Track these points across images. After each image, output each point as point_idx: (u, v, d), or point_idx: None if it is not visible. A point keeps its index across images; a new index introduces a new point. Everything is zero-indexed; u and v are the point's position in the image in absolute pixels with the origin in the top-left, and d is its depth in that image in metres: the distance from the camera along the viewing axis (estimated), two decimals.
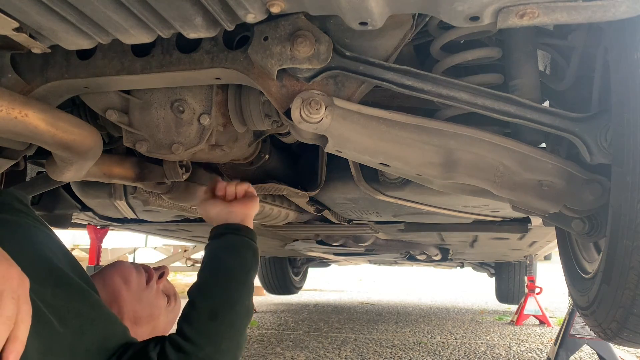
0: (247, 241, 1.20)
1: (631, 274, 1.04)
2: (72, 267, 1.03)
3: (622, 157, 1.03)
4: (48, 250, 0.98)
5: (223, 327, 1.04)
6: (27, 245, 0.94)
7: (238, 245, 1.19)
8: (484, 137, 1.18)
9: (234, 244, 1.19)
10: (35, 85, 1.25)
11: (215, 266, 1.15)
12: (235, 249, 1.17)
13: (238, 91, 1.41)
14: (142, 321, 1.21)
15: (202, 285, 1.11)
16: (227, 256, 1.15)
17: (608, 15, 0.90)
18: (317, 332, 4.85)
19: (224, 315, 1.05)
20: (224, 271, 1.13)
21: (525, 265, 6.03)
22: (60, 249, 1.06)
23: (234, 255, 1.16)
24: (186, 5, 0.92)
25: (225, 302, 1.07)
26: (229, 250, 1.17)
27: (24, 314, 0.71)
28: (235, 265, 1.14)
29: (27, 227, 1.00)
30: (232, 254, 1.16)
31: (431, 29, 1.26)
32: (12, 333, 0.68)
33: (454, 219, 2.53)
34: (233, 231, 1.21)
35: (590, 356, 3.91)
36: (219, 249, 1.18)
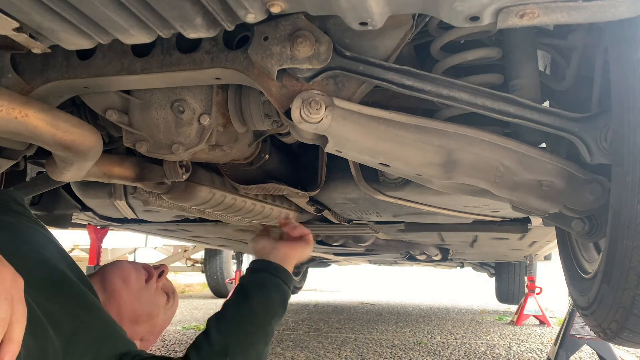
0: (280, 284, 1.18)
1: (631, 274, 1.04)
2: (69, 269, 1.02)
3: (622, 157, 1.03)
4: (45, 251, 0.98)
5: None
6: (23, 246, 0.94)
7: (269, 286, 1.16)
8: (484, 137, 1.18)
9: (265, 283, 1.17)
10: (35, 85, 1.25)
11: (241, 303, 1.12)
12: (265, 290, 1.15)
13: (238, 91, 1.41)
14: (141, 320, 1.20)
15: (222, 318, 1.10)
16: (255, 295, 1.13)
17: (608, 15, 0.89)
18: (317, 332, 4.85)
19: (234, 355, 1.03)
20: (247, 311, 1.11)
21: (525, 265, 6.04)
22: (58, 250, 1.05)
23: (262, 296, 1.14)
24: (186, 5, 0.92)
25: (239, 343, 1.05)
26: (259, 289, 1.15)
27: (19, 314, 0.70)
28: (260, 308, 1.12)
29: (23, 229, 1.00)
30: (260, 295, 1.14)
31: (431, 29, 1.26)
32: (6, 334, 0.67)
33: (454, 219, 2.53)
34: (270, 270, 1.19)
35: (590, 356, 3.91)
36: (250, 284, 1.16)
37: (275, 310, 1.13)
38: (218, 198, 1.99)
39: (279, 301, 1.15)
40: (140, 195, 2.09)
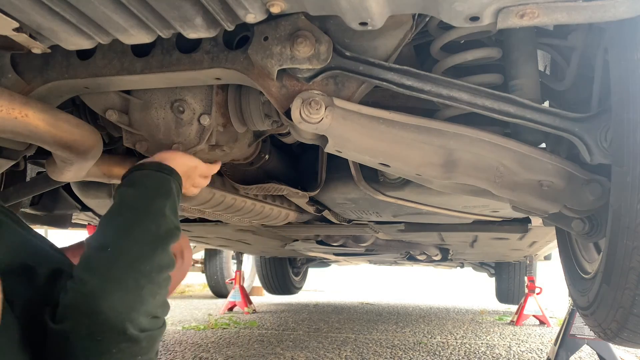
0: (151, 173, 1.08)
1: (631, 274, 1.04)
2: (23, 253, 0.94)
3: (622, 157, 1.03)
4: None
5: (114, 255, 0.89)
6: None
7: (136, 177, 1.07)
8: (484, 137, 1.18)
9: (132, 178, 1.07)
10: (35, 85, 1.26)
11: (112, 205, 1.02)
12: (133, 182, 1.06)
13: (238, 91, 1.41)
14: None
15: (97, 226, 0.99)
16: (124, 190, 1.04)
17: (608, 15, 0.90)
18: (317, 332, 4.85)
19: (115, 243, 0.91)
20: (118, 203, 1.01)
21: (525, 265, 6.03)
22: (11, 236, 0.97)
23: (131, 187, 1.04)
24: (186, 5, 0.92)
25: (116, 231, 0.94)
26: (126, 185, 1.05)
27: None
28: (132, 195, 1.02)
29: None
30: (128, 187, 1.04)
31: (431, 29, 1.26)
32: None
33: (454, 219, 2.53)
34: (136, 168, 1.10)
35: (590, 356, 3.91)
36: (118, 188, 1.06)
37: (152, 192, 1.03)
38: (218, 198, 1.99)
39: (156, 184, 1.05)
40: None
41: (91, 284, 0.84)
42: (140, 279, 0.88)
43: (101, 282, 0.85)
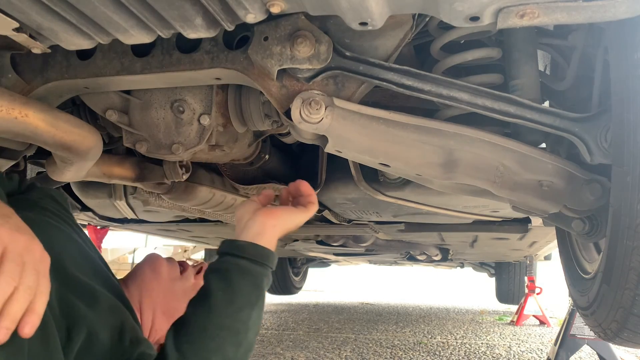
0: (247, 267, 0.95)
1: (631, 274, 1.04)
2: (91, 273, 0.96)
3: (622, 157, 1.03)
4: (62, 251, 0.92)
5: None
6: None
7: (232, 273, 0.94)
8: (484, 137, 1.18)
9: (226, 269, 0.95)
10: (35, 85, 1.26)
11: (199, 302, 0.94)
12: (227, 279, 0.94)
13: (238, 91, 1.41)
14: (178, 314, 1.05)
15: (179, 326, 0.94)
16: (215, 288, 0.93)
17: (608, 15, 0.90)
18: (317, 332, 4.85)
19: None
20: (206, 311, 0.92)
21: (525, 265, 6.04)
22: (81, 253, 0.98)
23: (223, 287, 0.93)
24: (186, 5, 0.92)
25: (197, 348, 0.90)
26: (220, 279, 0.94)
27: (43, 287, 0.69)
28: (222, 303, 0.91)
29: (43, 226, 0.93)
30: (221, 286, 0.93)
31: (431, 29, 1.26)
32: (30, 305, 0.67)
33: (454, 219, 2.53)
34: (233, 250, 0.97)
35: (590, 356, 3.91)
36: (210, 276, 0.96)
37: (243, 300, 0.92)
38: (218, 198, 2.00)
39: (248, 287, 0.94)
40: (140, 195, 2.09)
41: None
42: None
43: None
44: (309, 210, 1.07)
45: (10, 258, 0.67)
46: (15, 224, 0.72)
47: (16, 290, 0.65)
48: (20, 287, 0.66)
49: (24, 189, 1.06)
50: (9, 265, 0.66)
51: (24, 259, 0.68)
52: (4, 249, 0.67)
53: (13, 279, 0.65)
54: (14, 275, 0.66)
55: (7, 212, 0.74)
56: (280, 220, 1.02)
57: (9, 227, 0.70)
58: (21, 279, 0.66)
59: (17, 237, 0.70)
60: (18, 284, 0.66)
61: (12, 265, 0.66)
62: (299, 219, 1.05)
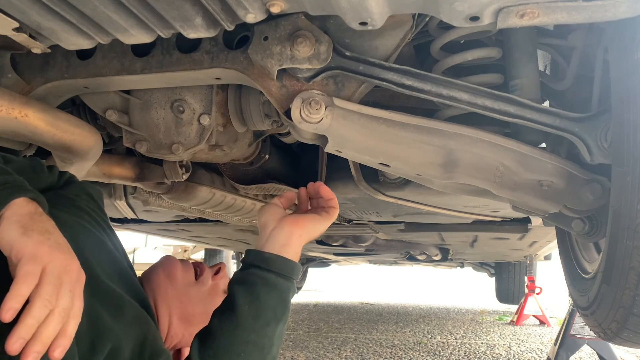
0: (274, 281, 0.95)
1: (631, 274, 1.04)
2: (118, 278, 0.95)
3: (622, 157, 1.03)
4: (91, 256, 0.90)
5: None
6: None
7: (259, 286, 0.94)
8: (484, 137, 1.17)
9: (255, 284, 0.94)
10: (35, 85, 1.26)
11: (225, 316, 0.94)
12: (254, 293, 0.93)
13: (238, 91, 1.41)
14: (195, 320, 1.07)
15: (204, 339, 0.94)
16: (242, 302, 0.93)
17: (608, 15, 0.90)
18: (317, 332, 4.85)
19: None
20: (233, 325, 0.92)
21: (525, 265, 6.04)
22: (110, 257, 0.97)
23: (250, 301, 0.93)
24: (186, 5, 0.92)
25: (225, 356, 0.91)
26: (246, 293, 0.93)
27: (77, 309, 0.70)
28: (248, 318, 0.92)
29: (75, 228, 0.92)
30: (247, 300, 0.93)
31: (431, 29, 1.26)
32: (62, 327, 0.67)
33: (454, 219, 2.53)
34: (260, 263, 0.96)
35: (590, 356, 3.91)
36: (236, 288, 0.95)
37: (269, 315, 0.93)
38: (218, 198, 2.00)
39: (274, 302, 0.94)
40: (140, 195, 2.09)
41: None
42: None
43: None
44: (332, 216, 1.05)
45: (48, 280, 0.67)
46: (56, 241, 0.72)
47: (51, 313, 0.66)
48: (55, 310, 0.66)
49: (63, 183, 1.04)
50: (46, 287, 0.66)
51: (62, 280, 0.69)
52: (43, 268, 0.67)
53: (50, 302, 0.66)
54: (51, 298, 0.66)
55: (49, 227, 0.74)
56: (306, 229, 1.00)
57: (49, 245, 0.70)
58: (57, 302, 0.67)
59: (57, 256, 0.70)
60: (54, 307, 0.66)
61: (50, 287, 0.67)
62: (323, 226, 1.03)
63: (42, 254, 0.68)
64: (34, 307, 0.64)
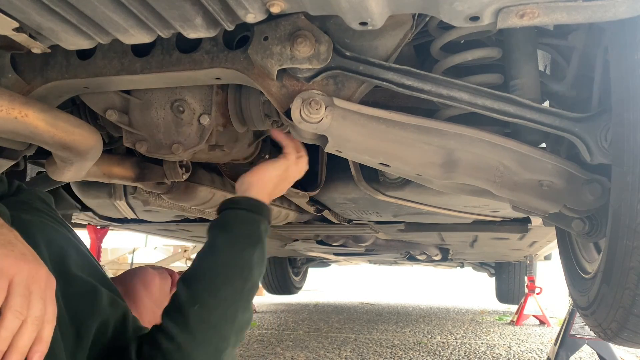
0: (243, 215, 1.06)
1: (631, 274, 1.04)
2: (89, 271, 0.97)
3: (622, 157, 1.03)
4: (62, 251, 0.93)
5: (202, 314, 0.92)
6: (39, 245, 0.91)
7: (230, 221, 1.05)
8: (484, 137, 1.18)
9: (225, 220, 1.05)
10: (35, 85, 1.26)
11: (204, 248, 1.02)
12: (225, 225, 1.04)
13: (238, 91, 1.41)
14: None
15: (188, 271, 1.01)
16: (216, 235, 1.03)
17: (608, 15, 0.90)
18: (317, 332, 4.85)
19: (204, 300, 0.94)
20: (210, 252, 1.01)
21: (525, 265, 6.03)
22: (78, 252, 1.00)
23: (223, 233, 1.03)
24: (186, 5, 0.92)
25: (206, 285, 0.96)
26: (219, 228, 1.04)
27: (50, 314, 0.71)
28: (223, 244, 1.01)
29: (42, 227, 0.95)
30: (220, 232, 1.03)
31: (431, 29, 1.26)
32: (37, 334, 0.69)
33: (454, 219, 2.53)
34: (229, 205, 1.08)
35: (590, 356, 3.91)
36: (210, 228, 1.05)
37: (243, 242, 1.02)
38: (218, 198, 1.99)
39: (247, 231, 1.03)
40: (140, 195, 2.09)
41: (178, 341, 0.90)
42: (221, 343, 0.94)
43: (187, 341, 0.91)
44: (287, 159, 1.19)
45: (16, 292, 0.68)
46: (20, 252, 0.73)
47: (24, 323, 0.67)
48: (27, 319, 0.68)
49: (14, 190, 1.06)
50: (16, 299, 0.68)
51: (30, 289, 0.70)
52: (10, 281, 0.68)
53: (21, 313, 0.67)
54: (21, 309, 0.68)
55: (11, 239, 0.75)
56: (260, 174, 1.15)
57: (14, 257, 0.71)
58: (28, 311, 0.68)
59: (22, 266, 0.71)
60: (26, 316, 0.68)
61: (19, 299, 0.68)
62: (279, 168, 1.17)
63: (7, 267, 0.69)
64: (6, 319, 0.66)
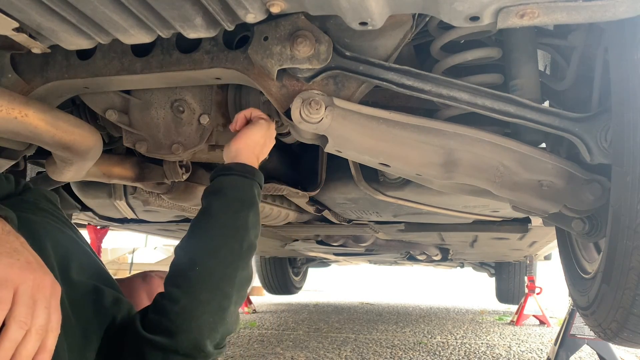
0: (236, 179, 1.09)
1: (631, 274, 1.04)
2: (93, 272, 0.99)
3: (622, 157, 1.03)
4: (67, 253, 0.94)
5: (202, 275, 0.94)
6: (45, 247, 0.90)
7: (224, 186, 1.07)
8: (484, 137, 1.18)
9: (219, 186, 1.08)
10: (35, 85, 1.26)
11: (199, 214, 1.05)
12: (219, 190, 1.07)
13: (238, 91, 1.41)
14: None
15: (185, 236, 1.03)
16: (211, 200, 1.05)
17: (608, 15, 0.90)
18: (317, 332, 4.85)
19: (203, 262, 0.96)
20: (206, 216, 1.03)
21: (525, 265, 6.03)
22: (83, 253, 1.01)
23: (218, 197, 1.05)
24: (186, 5, 0.92)
25: (205, 248, 0.98)
26: (213, 193, 1.06)
27: (54, 322, 0.72)
28: (219, 208, 1.03)
29: (48, 228, 0.96)
30: (215, 197, 1.05)
31: (431, 29, 1.26)
32: (41, 343, 0.69)
33: (454, 219, 2.53)
34: (222, 172, 1.10)
35: (590, 356, 3.91)
36: (205, 195, 1.08)
37: (237, 204, 1.05)
38: None
39: (241, 194, 1.07)
40: (140, 195, 2.09)
41: (182, 304, 0.92)
42: (223, 301, 0.95)
43: (191, 302, 0.92)
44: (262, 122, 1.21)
45: (21, 302, 0.68)
46: (26, 260, 0.73)
47: (28, 333, 0.68)
48: (32, 329, 0.68)
49: (21, 190, 1.07)
50: (20, 309, 0.68)
51: (35, 298, 0.70)
52: (15, 291, 0.69)
53: (25, 323, 0.68)
54: (25, 319, 0.68)
55: (17, 247, 0.75)
56: (245, 139, 1.17)
57: (19, 266, 0.71)
58: (32, 321, 0.68)
59: (27, 276, 0.71)
60: (30, 326, 0.68)
61: (24, 309, 0.68)
62: (260, 130, 1.19)
63: (12, 277, 0.69)
64: (9, 330, 0.66)
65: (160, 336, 0.90)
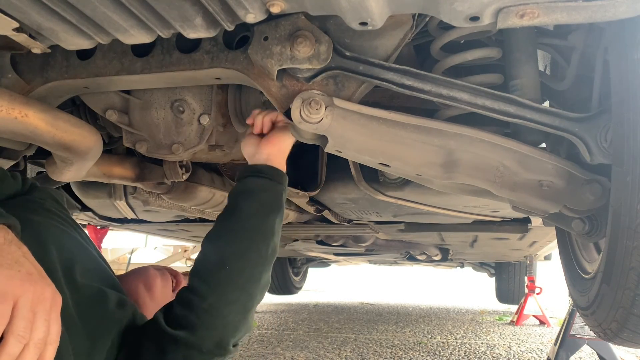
0: (267, 183, 1.12)
1: (631, 274, 1.04)
2: (97, 274, 0.99)
3: (622, 157, 1.03)
4: (72, 255, 0.94)
5: (231, 275, 0.97)
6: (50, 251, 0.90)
7: (256, 188, 1.10)
8: (484, 137, 1.17)
9: (251, 187, 1.10)
10: (35, 85, 1.26)
11: (229, 212, 1.07)
12: (251, 193, 1.09)
13: (238, 91, 1.41)
14: None
15: (213, 232, 1.05)
16: (242, 201, 1.07)
17: (608, 15, 0.90)
18: (317, 332, 4.85)
19: (233, 263, 0.99)
20: (237, 217, 1.05)
21: (525, 265, 6.04)
22: (87, 255, 1.02)
23: (249, 199, 1.08)
24: (186, 5, 0.92)
25: (235, 249, 1.01)
26: (245, 194, 1.09)
27: (54, 335, 0.71)
28: (249, 210, 1.06)
29: (53, 230, 0.95)
30: (247, 199, 1.08)
31: (431, 29, 1.26)
32: (40, 355, 0.69)
33: (454, 219, 2.53)
34: (253, 173, 1.13)
35: (590, 356, 3.91)
36: (235, 193, 1.10)
37: (267, 210, 1.08)
38: (218, 198, 1.99)
39: (271, 199, 1.10)
40: (140, 195, 2.09)
41: (210, 301, 0.94)
42: (248, 302, 0.99)
43: (218, 300, 0.95)
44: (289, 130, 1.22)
45: (20, 315, 0.68)
46: (27, 271, 0.73)
47: (26, 346, 0.67)
48: (30, 342, 0.68)
49: (28, 189, 1.06)
50: (19, 323, 0.68)
51: (35, 311, 0.70)
52: (15, 303, 0.68)
53: (23, 337, 0.67)
54: (24, 333, 0.68)
55: (19, 257, 0.74)
56: (278, 145, 1.19)
57: (20, 278, 0.71)
58: (32, 334, 0.68)
59: (28, 288, 0.70)
60: (28, 340, 0.68)
61: (23, 322, 0.68)
62: (290, 137, 1.21)
63: (12, 290, 0.69)
64: (7, 344, 0.66)
65: (184, 331, 0.92)
